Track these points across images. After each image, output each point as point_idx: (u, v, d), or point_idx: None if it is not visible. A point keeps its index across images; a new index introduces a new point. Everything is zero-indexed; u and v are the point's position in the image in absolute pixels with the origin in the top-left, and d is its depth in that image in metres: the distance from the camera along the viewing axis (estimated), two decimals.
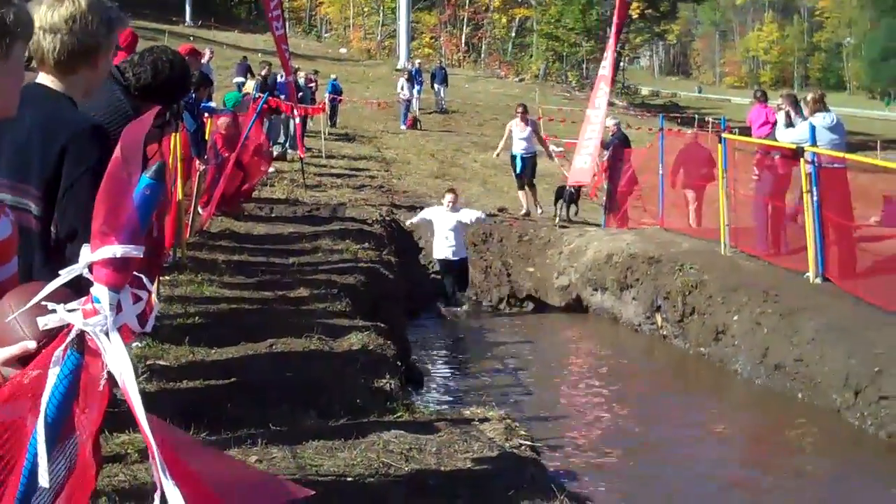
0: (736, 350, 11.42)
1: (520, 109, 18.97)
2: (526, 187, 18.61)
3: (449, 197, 14.54)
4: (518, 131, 18.64)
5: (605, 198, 17.59)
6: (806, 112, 11.88)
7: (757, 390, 10.79)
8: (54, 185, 3.31)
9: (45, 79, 3.45)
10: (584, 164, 17.44)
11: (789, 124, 12.18)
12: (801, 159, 11.62)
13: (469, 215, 14.51)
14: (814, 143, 11.49)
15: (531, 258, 15.44)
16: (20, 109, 3.37)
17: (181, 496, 1.93)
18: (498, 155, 19.88)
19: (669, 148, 16.11)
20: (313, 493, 2.73)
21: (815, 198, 11.54)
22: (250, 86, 18.68)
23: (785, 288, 11.41)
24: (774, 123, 13.51)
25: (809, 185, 11.59)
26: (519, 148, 18.61)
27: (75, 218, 3.21)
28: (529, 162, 18.49)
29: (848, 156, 11.69)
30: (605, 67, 18.73)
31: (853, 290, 10.85)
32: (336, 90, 29.92)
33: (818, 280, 11.54)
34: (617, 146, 17.41)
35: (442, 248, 14.23)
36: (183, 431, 2.27)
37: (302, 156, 18.08)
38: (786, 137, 12.01)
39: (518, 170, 18.62)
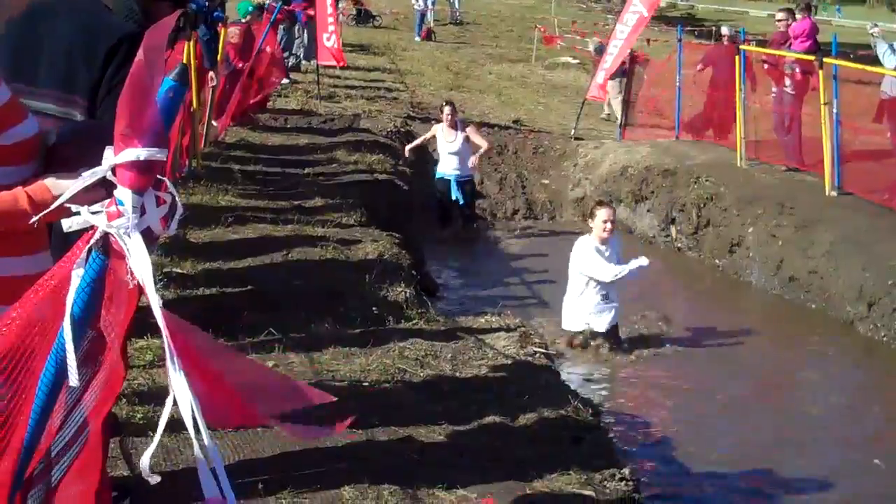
0: (750, 262, 11.46)
1: (447, 110, 13.10)
2: (459, 220, 13.18)
3: (602, 216, 9.04)
4: (446, 141, 13.03)
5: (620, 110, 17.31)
6: None
7: (771, 302, 10.85)
8: (98, 90, 3.31)
9: None
10: (601, 80, 16.65)
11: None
12: (821, 71, 11.52)
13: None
14: None
15: (546, 170, 15.38)
16: (56, 18, 3.38)
17: (187, 385, 1.97)
18: (408, 152, 13.40)
19: (687, 60, 15.92)
20: (335, 399, 2.78)
21: (834, 109, 11.48)
22: None
23: (800, 200, 11.40)
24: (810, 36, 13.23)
25: (829, 96, 11.51)
26: (450, 167, 13.04)
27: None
28: (466, 187, 13.13)
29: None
30: None
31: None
32: None
33: (834, 193, 11.52)
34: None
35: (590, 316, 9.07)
36: (209, 336, 2.31)
37: (342, 64, 17.87)
38: None
39: (450, 196, 13.05)
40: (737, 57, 13.39)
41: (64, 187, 2.33)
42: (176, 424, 4.62)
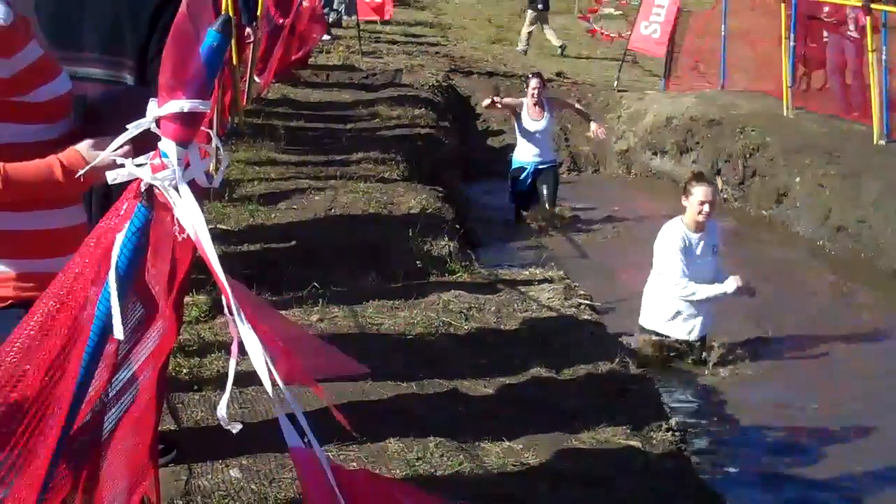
0: (798, 212, 11.33)
1: (533, 83, 11.39)
2: (538, 221, 11.36)
3: (699, 195, 7.26)
4: (531, 120, 11.38)
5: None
6: None
7: (819, 252, 10.73)
8: (147, 51, 3.28)
9: None
10: (654, 34, 16.41)
11: None
12: (868, 18, 11.31)
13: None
14: None
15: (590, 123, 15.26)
16: None
17: (257, 338, 1.98)
18: (486, 103, 11.71)
19: (732, 9, 15.67)
20: (369, 371, 2.79)
21: (884, 56, 11.28)
22: None
23: (848, 149, 11.24)
24: None
25: (878, 43, 11.31)
26: (530, 153, 11.43)
27: None
28: (550, 176, 11.52)
29: None
30: None
31: None
32: None
33: (882, 141, 11.36)
34: None
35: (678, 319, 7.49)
36: (252, 294, 2.32)
37: (381, 18, 17.88)
38: None
39: (525, 185, 11.57)
40: (782, 4, 13.16)
41: (96, 155, 2.34)
42: (221, 380, 4.68)
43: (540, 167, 11.46)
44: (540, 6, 19.44)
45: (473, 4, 26.25)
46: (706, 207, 7.20)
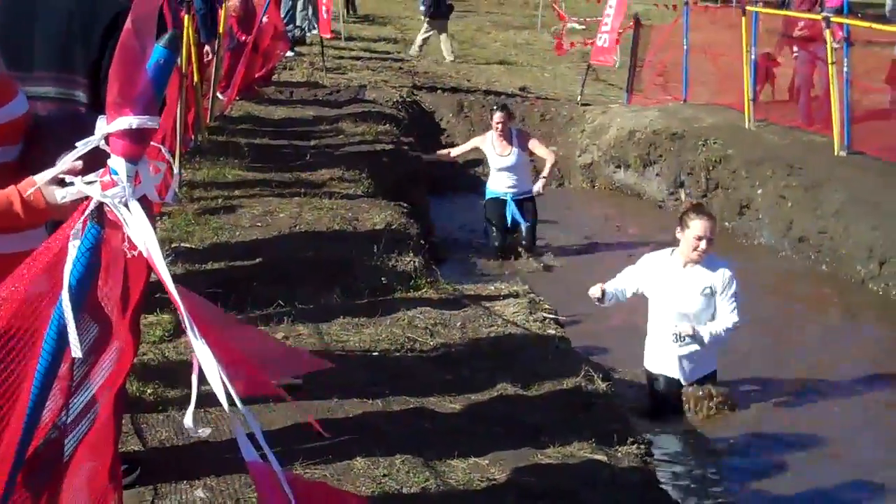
0: (760, 224, 11.42)
1: (497, 116, 10.72)
2: (521, 254, 10.71)
3: (697, 229, 6.51)
4: (497, 156, 10.82)
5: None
6: None
7: (781, 263, 10.80)
8: (99, 69, 3.23)
9: None
10: (605, 44, 16.65)
11: None
12: (828, 31, 11.42)
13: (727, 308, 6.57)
14: None
15: (553, 137, 15.27)
16: None
17: (212, 354, 1.96)
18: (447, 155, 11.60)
19: (694, 23, 15.78)
20: (333, 365, 2.78)
21: (845, 69, 11.39)
22: None
23: (809, 161, 11.35)
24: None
25: (839, 56, 11.42)
26: (503, 184, 10.83)
27: None
28: (526, 206, 10.90)
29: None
30: None
31: None
32: None
33: (843, 153, 11.46)
34: None
35: (667, 360, 6.79)
36: (212, 304, 2.28)
37: (328, 36, 17.80)
38: None
39: (506, 220, 10.81)
40: (743, 18, 13.28)
41: (55, 193, 2.29)
42: (186, 400, 4.65)
43: (517, 198, 10.80)
44: (435, 14, 19.73)
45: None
46: (703, 244, 6.44)
